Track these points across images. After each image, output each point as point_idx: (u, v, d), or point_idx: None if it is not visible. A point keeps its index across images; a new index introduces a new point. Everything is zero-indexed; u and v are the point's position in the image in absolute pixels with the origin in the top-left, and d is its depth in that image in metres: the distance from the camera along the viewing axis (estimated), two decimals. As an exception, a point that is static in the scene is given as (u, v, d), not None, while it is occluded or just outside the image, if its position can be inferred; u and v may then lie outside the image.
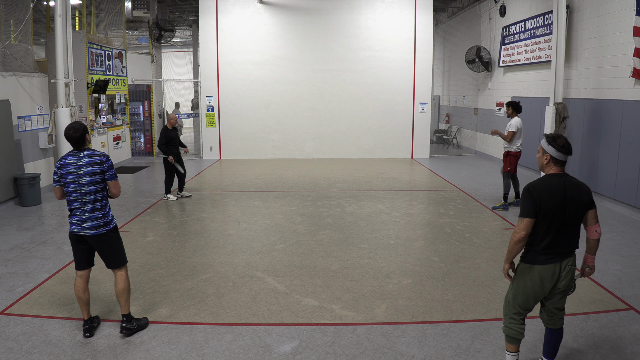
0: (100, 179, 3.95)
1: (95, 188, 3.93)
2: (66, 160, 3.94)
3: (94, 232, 3.96)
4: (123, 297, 4.11)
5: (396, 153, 14.87)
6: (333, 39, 14.42)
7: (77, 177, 3.89)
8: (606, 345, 3.93)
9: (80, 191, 3.91)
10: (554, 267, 3.26)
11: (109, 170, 3.98)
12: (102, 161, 3.95)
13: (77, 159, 3.92)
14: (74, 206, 3.97)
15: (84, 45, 11.23)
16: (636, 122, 7.81)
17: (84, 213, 3.94)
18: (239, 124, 14.66)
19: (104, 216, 4.01)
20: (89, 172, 3.89)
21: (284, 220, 7.69)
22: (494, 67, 14.08)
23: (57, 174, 3.95)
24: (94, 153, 3.97)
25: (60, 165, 3.93)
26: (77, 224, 3.97)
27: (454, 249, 6.30)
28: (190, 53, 23.30)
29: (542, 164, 3.37)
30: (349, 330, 4.21)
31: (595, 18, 8.97)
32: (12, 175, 8.58)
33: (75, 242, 4.04)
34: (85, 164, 3.90)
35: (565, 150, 3.25)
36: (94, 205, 3.95)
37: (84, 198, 3.93)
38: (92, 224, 3.95)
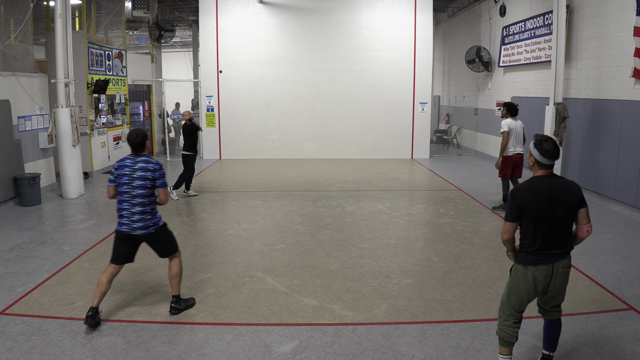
0: (151, 185, 4.26)
1: (145, 192, 4.24)
2: (124, 162, 4.28)
3: (144, 232, 4.30)
4: (175, 279, 4.48)
5: (396, 153, 14.87)
6: (333, 39, 14.42)
7: (131, 179, 4.22)
8: (606, 345, 3.93)
9: (132, 193, 4.23)
10: (547, 268, 3.28)
11: (160, 178, 4.29)
12: (155, 169, 4.27)
13: (134, 162, 4.26)
14: (123, 206, 4.28)
15: (84, 45, 11.22)
16: (636, 122, 7.81)
17: (133, 215, 4.25)
18: (239, 124, 14.66)
19: (152, 217, 4.32)
20: (141, 176, 4.22)
21: (284, 220, 7.69)
22: (494, 67, 14.08)
23: (114, 174, 4.27)
24: (149, 160, 4.29)
25: (118, 166, 4.28)
26: (127, 224, 4.27)
27: (454, 249, 6.30)
28: (190, 53, 23.29)
29: (529, 165, 3.40)
30: (349, 330, 4.21)
31: (595, 18, 8.98)
32: (12, 175, 8.58)
33: (123, 240, 4.32)
34: (140, 168, 4.24)
35: (549, 154, 3.25)
36: (144, 208, 4.26)
37: (133, 200, 4.23)
38: (142, 225, 4.27)
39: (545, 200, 3.21)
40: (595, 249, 6.29)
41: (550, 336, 3.53)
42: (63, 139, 9.18)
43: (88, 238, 6.81)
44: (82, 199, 9.29)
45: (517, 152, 7.99)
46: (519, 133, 7.96)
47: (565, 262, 3.31)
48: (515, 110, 8.00)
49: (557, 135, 9.37)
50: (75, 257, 6.02)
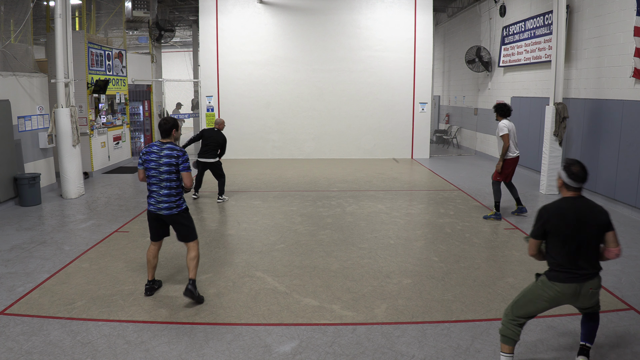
0: (175, 169, 4.66)
1: (170, 176, 4.65)
2: (151, 148, 4.71)
3: (168, 212, 4.69)
4: (192, 263, 4.75)
5: (396, 153, 14.86)
6: (333, 39, 14.42)
7: (158, 164, 4.64)
8: (606, 345, 3.93)
9: (159, 177, 4.66)
10: (575, 287, 3.30)
11: (183, 163, 4.67)
12: (179, 155, 4.66)
13: (160, 149, 4.68)
14: (152, 188, 4.72)
15: (84, 45, 11.23)
16: (636, 122, 7.81)
17: (160, 196, 4.68)
18: (239, 124, 14.65)
19: (177, 200, 4.72)
20: (166, 162, 4.63)
21: (284, 220, 7.69)
22: (494, 67, 14.08)
23: (142, 159, 4.72)
24: (173, 147, 4.69)
25: (146, 151, 4.72)
26: (153, 205, 4.71)
27: (454, 249, 6.30)
28: (190, 53, 23.29)
29: (558, 186, 3.49)
30: (349, 330, 4.21)
31: (595, 18, 8.97)
32: (12, 175, 8.58)
33: (152, 219, 4.80)
34: (165, 155, 4.64)
35: (577, 178, 3.32)
36: (169, 191, 4.67)
37: (160, 183, 4.66)
38: (166, 206, 4.68)
39: (571, 221, 3.26)
40: (595, 249, 6.29)
41: (587, 328, 3.58)
42: (63, 139, 9.18)
43: (88, 238, 6.81)
44: (82, 199, 9.29)
45: (517, 155, 7.66)
46: (516, 134, 7.68)
47: (595, 283, 3.32)
48: (508, 111, 7.60)
49: (557, 135, 9.37)
50: (75, 257, 6.02)
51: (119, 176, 11.76)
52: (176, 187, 4.70)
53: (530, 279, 5.28)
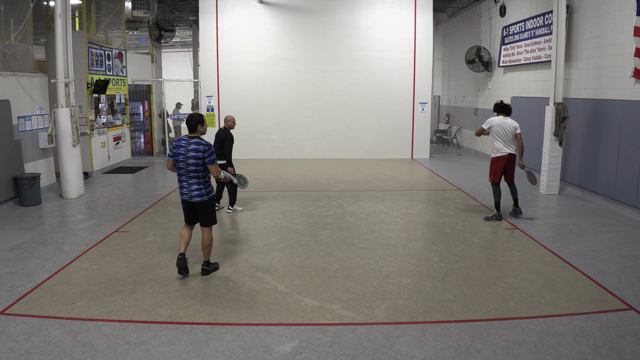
0: (202, 162, 5.11)
1: (197, 168, 5.13)
2: (180, 142, 5.16)
3: (200, 199, 5.23)
4: (207, 249, 5.37)
5: (396, 153, 14.86)
6: (333, 39, 14.42)
7: (186, 157, 5.10)
8: (606, 345, 3.93)
9: (187, 168, 5.13)
10: None
11: (209, 157, 5.13)
12: (205, 150, 5.10)
13: (188, 143, 5.11)
14: (182, 178, 5.22)
15: (84, 45, 11.23)
16: (636, 122, 7.81)
17: (190, 185, 5.20)
18: (239, 124, 14.52)
19: (206, 187, 5.26)
20: (193, 156, 5.08)
21: (284, 220, 7.69)
22: (494, 67, 14.08)
23: (172, 152, 5.18)
24: (200, 142, 5.12)
25: (176, 145, 5.16)
26: (186, 193, 5.25)
27: (454, 249, 6.30)
28: (190, 53, 23.29)
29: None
30: (349, 330, 4.21)
31: (595, 18, 8.97)
32: (12, 175, 8.58)
33: (185, 205, 5.35)
34: (192, 149, 5.09)
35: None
36: (198, 180, 5.19)
37: (189, 174, 5.16)
38: (198, 193, 5.22)
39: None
40: (595, 249, 6.29)
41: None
42: (63, 139, 9.18)
43: (88, 238, 6.81)
44: (82, 199, 9.29)
45: (510, 153, 7.51)
46: (509, 133, 7.49)
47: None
48: (500, 109, 7.65)
49: (557, 135, 9.37)
50: (75, 257, 6.02)
51: (119, 176, 11.76)
52: (203, 176, 5.20)
53: (531, 278, 5.29)
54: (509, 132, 7.52)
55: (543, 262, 5.85)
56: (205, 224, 5.37)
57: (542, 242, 6.61)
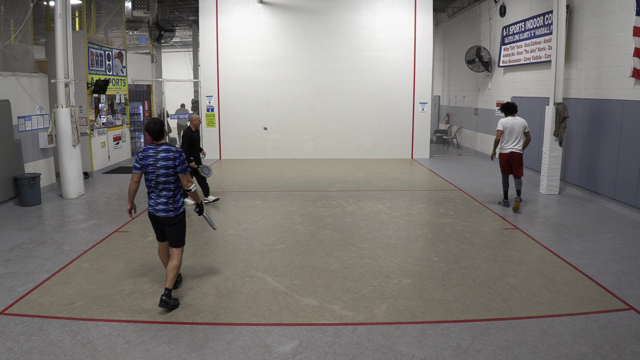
0: (173, 171, 4.58)
1: (168, 179, 4.58)
2: (147, 152, 4.61)
3: (165, 215, 4.63)
4: (172, 272, 4.63)
5: (396, 153, 14.86)
6: (333, 39, 14.42)
7: (155, 168, 4.55)
8: (606, 345, 3.93)
9: (156, 180, 4.58)
10: None
11: (181, 164, 4.59)
12: (176, 157, 4.58)
13: (156, 151, 4.58)
14: (150, 191, 4.67)
15: (84, 45, 11.23)
16: (636, 122, 7.81)
17: (158, 197, 4.63)
18: (239, 124, 14.66)
19: (175, 202, 4.65)
20: (164, 165, 4.55)
21: (284, 220, 7.69)
22: (494, 67, 14.08)
23: (139, 163, 4.62)
24: (169, 148, 4.59)
25: (142, 156, 4.62)
26: (152, 206, 4.67)
27: (454, 249, 6.30)
28: (190, 53, 23.30)
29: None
30: (349, 330, 4.21)
31: (595, 18, 8.97)
32: (12, 175, 8.58)
33: (151, 220, 4.76)
34: (162, 157, 4.55)
35: None
36: (167, 193, 4.61)
37: (159, 185, 4.60)
38: (164, 208, 4.62)
39: None
40: (595, 249, 6.29)
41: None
42: (63, 139, 9.18)
43: (88, 238, 6.81)
44: (82, 199, 9.29)
45: (512, 151, 8.18)
46: (516, 132, 8.13)
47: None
48: (509, 109, 8.26)
49: (557, 135, 9.37)
50: (75, 257, 6.02)
51: (119, 176, 11.76)
52: (174, 189, 4.63)
53: (531, 278, 5.29)
54: (517, 130, 8.19)
55: (543, 262, 5.85)
56: (173, 243, 4.72)
57: (542, 242, 6.61)
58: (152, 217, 4.73)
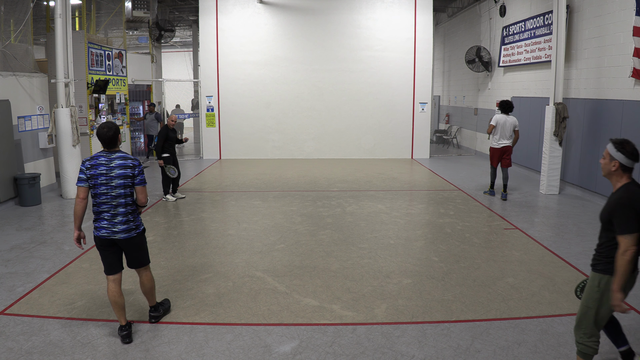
0: (131, 182, 3.88)
1: (125, 192, 3.86)
2: (97, 160, 3.83)
3: (126, 236, 3.91)
4: (150, 293, 4.25)
5: (396, 153, 14.87)
6: (333, 39, 14.43)
7: (109, 178, 3.81)
8: (606, 345, 3.92)
9: (111, 194, 3.83)
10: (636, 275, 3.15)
11: (139, 175, 3.91)
12: (135, 165, 3.89)
13: (109, 160, 3.83)
14: (102, 209, 3.86)
15: (84, 45, 11.22)
16: (636, 122, 7.81)
17: (115, 217, 3.86)
18: (239, 124, 14.66)
19: (135, 220, 3.98)
20: (120, 174, 3.82)
21: (284, 220, 7.69)
22: (494, 67, 14.08)
23: (86, 174, 3.83)
24: (126, 156, 3.89)
25: (91, 165, 3.82)
26: (106, 228, 3.87)
27: (454, 249, 6.30)
28: (190, 53, 23.30)
29: (610, 170, 3.14)
30: (349, 330, 4.21)
31: (595, 18, 8.97)
32: (12, 175, 8.58)
33: (104, 246, 3.93)
34: (117, 166, 3.83)
35: (635, 156, 3.06)
36: (126, 209, 3.89)
37: (114, 201, 3.84)
38: (124, 227, 3.89)
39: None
40: (595, 249, 6.29)
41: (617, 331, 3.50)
42: (63, 139, 9.18)
43: (88, 238, 6.80)
44: (82, 199, 9.27)
45: (504, 145, 8.98)
46: (507, 129, 8.91)
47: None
48: (505, 108, 8.96)
49: (557, 135, 9.37)
50: (75, 257, 6.02)
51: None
52: (132, 203, 3.94)
53: (531, 278, 5.29)
54: (508, 127, 8.94)
55: (543, 262, 5.85)
56: (138, 265, 4.10)
57: (542, 242, 6.61)
58: (106, 242, 3.90)
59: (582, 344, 3.29)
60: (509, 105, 8.94)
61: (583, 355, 3.30)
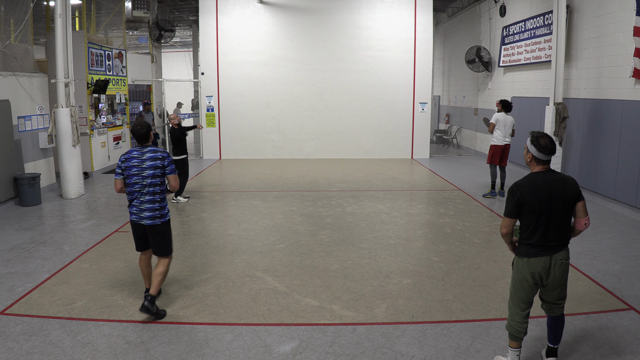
0: (161, 173, 4.37)
1: (154, 181, 4.35)
2: (130, 154, 4.37)
3: (150, 222, 4.39)
4: (158, 278, 4.46)
5: (396, 153, 14.86)
6: (333, 39, 14.42)
7: (140, 170, 4.33)
8: (606, 345, 3.93)
9: (142, 183, 4.34)
10: (545, 260, 3.37)
11: (169, 165, 4.42)
12: (164, 157, 4.39)
13: (141, 154, 4.36)
14: (133, 197, 4.40)
15: (84, 45, 11.22)
16: (636, 122, 7.81)
17: (142, 204, 4.37)
18: (239, 124, 14.66)
19: (161, 209, 4.43)
20: (151, 166, 4.33)
21: (284, 220, 7.69)
22: (494, 67, 14.08)
23: (121, 167, 4.38)
24: (155, 149, 4.40)
25: (125, 159, 4.38)
26: (135, 213, 4.41)
27: (454, 249, 6.30)
28: (190, 53, 23.29)
29: (526, 161, 3.50)
30: (349, 330, 4.21)
31: (595, 18, 8.97)
32: (12, 175, 8.58)
33: (134, 229, 4.51)
34: (148, 158, 4.34)
35: (546, 150, 3.34)
36: (153, 198, 4.37)
37: (143, 190, 4.35)
38: (150, 215, 4.38)
39: (544, 194, 3.32)
40: (595, 249, 6.29)
41: (553, 331, 3.62)
42: (63, 139, 9.18)
43: (88, 238, 6.81)
44: (82, 199, 9.29)
45: (506, 143, 9.07)
46: (508, 127, 9.02)
47: (564, 254, 3.42)
48: (509, 107, 9.07)
49: (557, 135, 9.37)
50: (75, 257, 6.02)
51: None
52: (160, 192, 4.40)
53: (530, 279, 5.29)
54: (508, 126, 9.06)
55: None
56: (160, 253, 4.49)
57: (542, 242, 6.60)
58: (135, 226, 4.46)
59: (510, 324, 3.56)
60: (510, 105, 9.10)
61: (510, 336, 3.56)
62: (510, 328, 3.54)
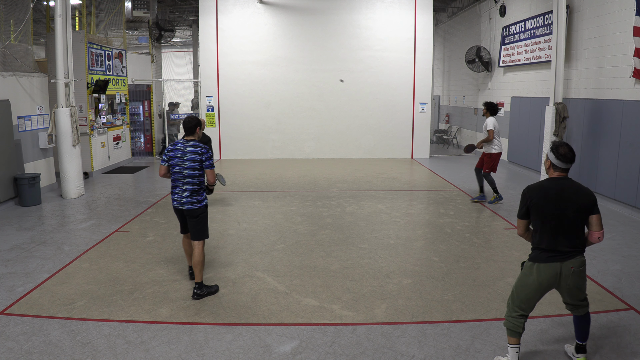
0: (199, 165, 4.80)
1: (193, 172, 4.80)
2: (175, 146, 4.86)
3: (189, 207, 4.84)
4: (197, 267, 4.84)
5: (396, 153, 14.86)
6: (333, 39, 14.42)
7: (182, 160, 4.79)
8: (606, 346, 3.93)
9: (182, 173, 4.80)
10: (555, 266, 3.37)
11: (207, 160, 4.82)
12: (203, 152, 4.80)
13: (184, 146, 4.82)
14: (175, 184, 4.89)
15: (84, 45, 11.22)
16: (636, 122, 7.81)
17: (183, 191, 4.84)
18: (239, 124, 14.66)
19: (198, 195, 4.87)
20: (191, 158, 4.78)
21: (284, 220, 7.69)
22: (494, 67, 14.08)
23: (167, 155, 4.87)
24: (197, 145, 4.82)
25: (171, 149, 4.87)
26: (176, 200, 4.89)
27: (454, 249, 6.30)
28: (190, 53, 23.29)
29: (545, 168, 3.59)
30: (349, 330, 4.21)
31: (595, 18, 8.97)
32: (12, 175, 8.58)
33: (176, 212, 5.00)
34: (190, 152, 4.78)
35: (564, 158, 3.41)
36: (192, 187, 4.83)
37: (184, 179, 4.82)
38: (188, 200, 4.83)
39: (552, 198, 3.36)
40: (595, 249, 6.29)
41: (579, 329, 3.63)
42: (63, 139, 9.18)
43: (88, 238, 6.81)
44: (82, 199, 9.29)
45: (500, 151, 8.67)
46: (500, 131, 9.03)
47: (576, 262, 3.40)
48: (496, 110, 8.68)
49: (557, 135, 9.37)
50: (75, 257, 6.02)
51: (119, 176, 11.76)
52: (199, 182, 4.86)
53: (530, 279, 5.29)
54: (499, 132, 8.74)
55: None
56: (195, 236, 4.91)
57: (542, 242, 6.60)
58: (177, 211, 4.98)
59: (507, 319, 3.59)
60: (496, 107, 8.72)
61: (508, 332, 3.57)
62: (508, 323, 3.56)
